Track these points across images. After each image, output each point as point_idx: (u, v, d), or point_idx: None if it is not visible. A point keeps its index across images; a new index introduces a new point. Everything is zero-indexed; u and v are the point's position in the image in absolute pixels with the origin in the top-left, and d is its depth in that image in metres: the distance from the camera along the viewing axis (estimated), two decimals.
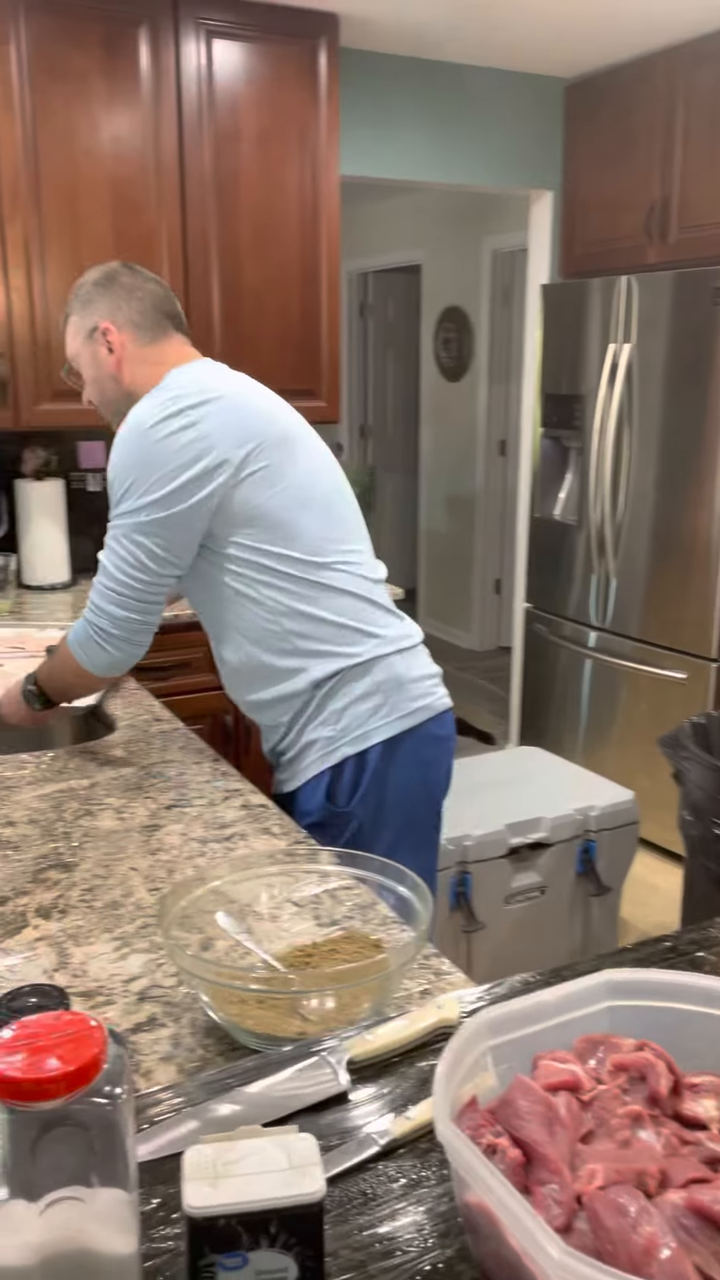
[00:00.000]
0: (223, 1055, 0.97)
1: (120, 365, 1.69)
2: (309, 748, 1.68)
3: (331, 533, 1.68)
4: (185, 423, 1.57)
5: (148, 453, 1.56)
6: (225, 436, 1.58)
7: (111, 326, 1.68)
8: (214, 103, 2.89)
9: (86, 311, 1.70)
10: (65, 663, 1.71)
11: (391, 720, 1.68)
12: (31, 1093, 0.57)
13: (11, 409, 2.79)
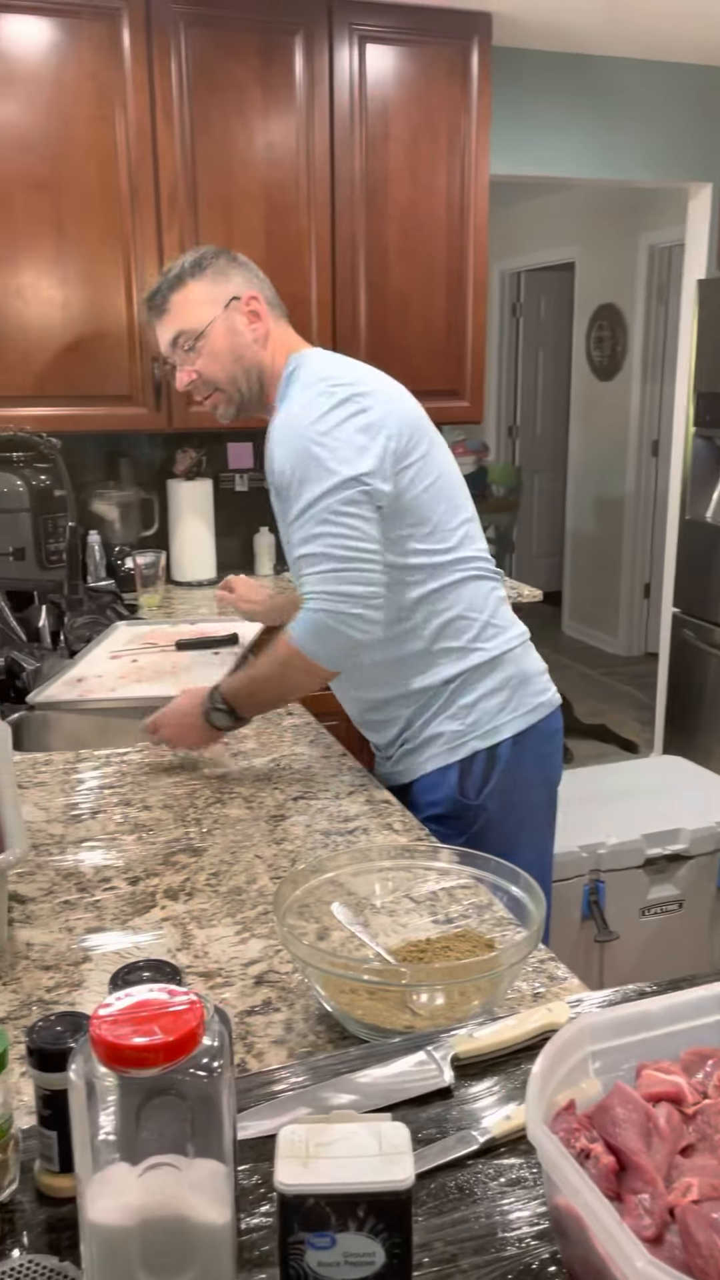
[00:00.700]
0: (332, 1043, 0.98)
1: (266, 336, 1.64)
2: (432, 741, 1.67)
3: (465, 527, 1.67)
4: (354, 409, 1.54)
5: (322, 441, 1.51)
6: (391, 424, 1.56)
7: (259, 296, 1.64)
8: (365, 107, 2.93)
9: (221, 280, 1.63)
10: (283, 666, 1.56)
11: (518, 716, 1.67)
12: (132, 1059, 0.59)
13: (164, 411, 2.90)
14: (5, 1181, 0.75)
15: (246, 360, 1.63)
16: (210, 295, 1.62)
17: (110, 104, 2.71)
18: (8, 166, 2.65)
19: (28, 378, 2.77)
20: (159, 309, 1.63)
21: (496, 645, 1.67)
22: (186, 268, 1.63)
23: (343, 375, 1.58)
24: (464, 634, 1.65)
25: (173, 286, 1.62)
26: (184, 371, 1.65)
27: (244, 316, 1.62)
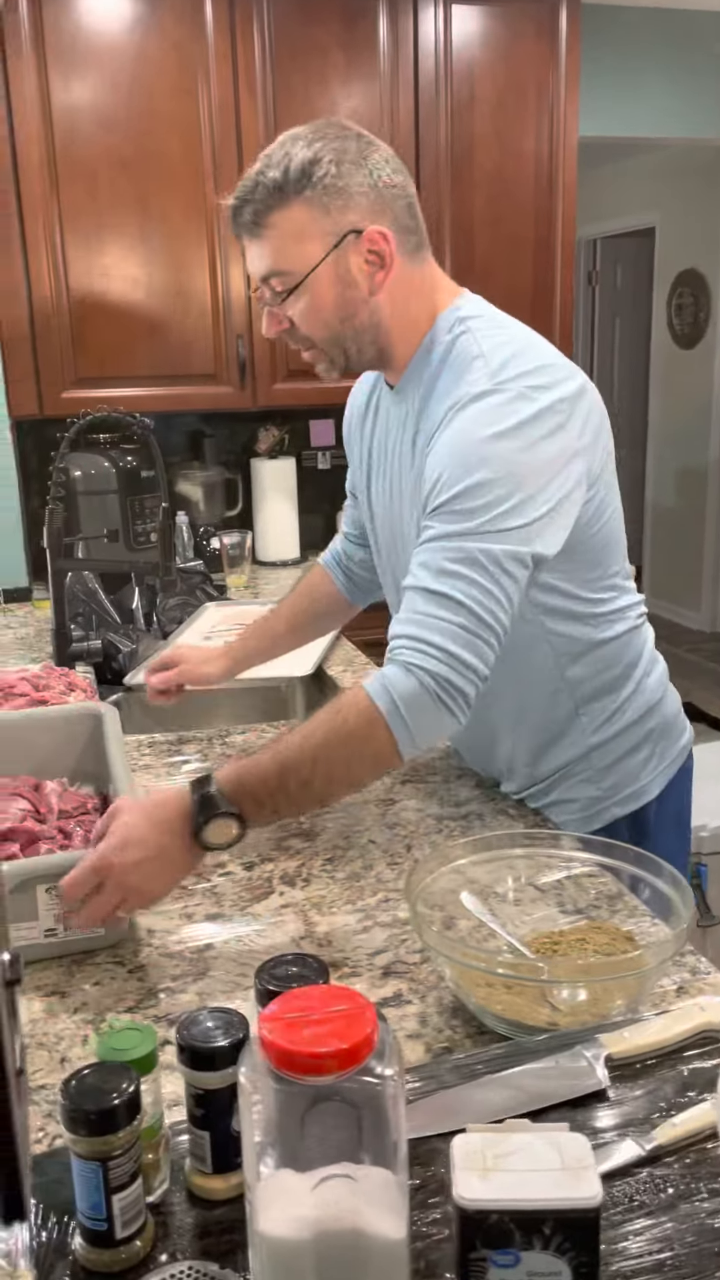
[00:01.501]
0: (470, 1039, 0.95)
1: (388, 289, 1.22)
2: (564, 805, 1.39)
3: (618, 559, 1.34)
4: (555, 425, 1.15)
5: (515, 461, 1.13)
6: (592, 442, 1.22)
7: (388, 234, 1.20)
8: (451, 70, 2.85)
9: (338, 201, 1.17)
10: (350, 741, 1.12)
11: (661, 771, 1.40)
12: (305, 1067, 0.56)
13: (249, 389, 2.87)
14: (156, 1181, 0.73)
15: (358, 320, 1.23)
16: (318, 225, 1.18)
17: (193, 76, 2.68)
18: (92, 147, 2.63)
19: (112, 358, 2.76)
20: (249, 227, 1.21)
21: (645, 699, 1.38)
22: (292, 173, 1.16)
23: (534, 360, 1.18)
24: (619, 693, 1.35)
25: (270, 200, 1.17)
26: (272, 318, 1.25)
27: (361, 260, 1.19)
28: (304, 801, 1.16)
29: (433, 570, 1.13)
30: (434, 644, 1.11)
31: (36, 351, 2.71)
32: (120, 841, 1.03)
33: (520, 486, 1.13)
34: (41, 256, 2.66)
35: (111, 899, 1.03)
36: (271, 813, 1.12)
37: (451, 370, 1.21)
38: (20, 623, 2.56)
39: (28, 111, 2.57)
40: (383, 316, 1.24)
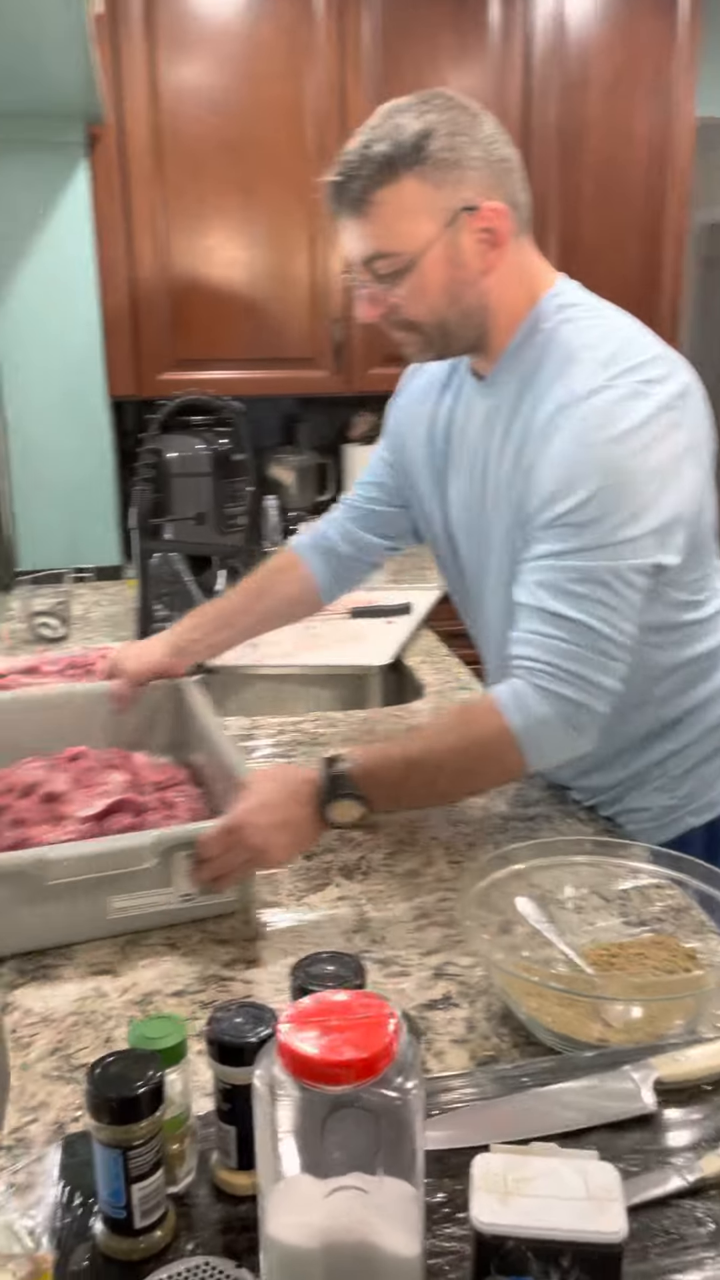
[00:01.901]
0: (517, 1048, 0.92)
1: (496, 270, 1.16)
2: (636, 814, 1.35)
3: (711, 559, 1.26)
4: (673, 420, 1.10)
5: (631, 468, 1.07)
6: (701, 438, 1.15)
7: (504, 209, 1.13)
8: (563, 50, 2.78)
9: (452, 175, 1.10)
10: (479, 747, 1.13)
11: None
12: (320, 1075, 0.55)
13: (344, 373, 2.86)
14: (181, 1172, 0.73)
15: (466, 301, 1.16)
16: (430, 201, 1.11)
17: (300, 59, 2.67)
18: (199, 129, 2.65)
19: (210, 340, 2.77)
20: (353, 204, 1.12)
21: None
22: (403, 146, 1.09)
23: (643, 352, 1.12)
24: (704, 705, 1.30)
25: (378, 175, 1.10)
26: (372, 302, 1.18)
27: (474, 238, 1.13)
28: (426, 798, 1.21)
29: (554, 590, 1.10)
30: (568, 670, 1.09)
31: (137, 333, 2.74)
32: (257, 804, 1.08)
33: (638, 494, 1.08)
34: (145, 239, 2.69)
35: (238, 857, 1.07)
36: (393, 802, 1.16)
37: (554, 362, 1.15)
38: (110, 600, 2.60)
39: (137, 94, 2.60)
40: (490, 299, 1.17)
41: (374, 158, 1.10)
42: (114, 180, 2.65)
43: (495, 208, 1.13)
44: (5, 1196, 0.76)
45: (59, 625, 2.23)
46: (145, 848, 1.06)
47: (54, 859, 1.03)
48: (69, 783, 1.25)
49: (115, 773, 1.29)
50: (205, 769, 1.35)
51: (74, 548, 2.80)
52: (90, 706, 1.47)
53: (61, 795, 1.23)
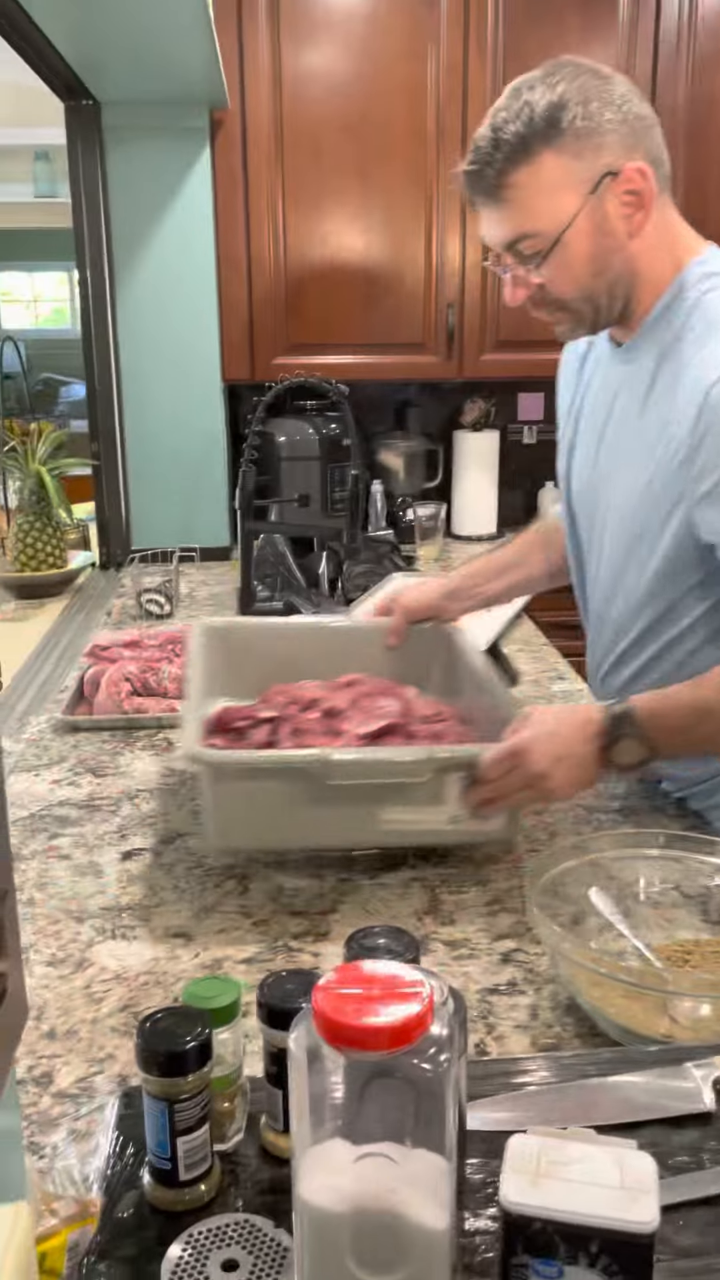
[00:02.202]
0: (580, 1038, 0.91)
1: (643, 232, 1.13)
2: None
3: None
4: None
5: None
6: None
7: (647, 168, 1.10)
8: (695, 25, 2.69)
9: (591, 142, 1.08)
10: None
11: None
12: (351, 1040, 0.55)
13: (455, 359, 2.84)
14: (230, 1130, 0.74)
15: (613, 270, 1.13)
16: (571, 173, 1.09)
17: (423, 40, 2.65)
18: (320, 110, 2.65)
19: (324, 325, 2.79)
20: (490, 190, 1.11)
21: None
22: (537, 123, 1.07)
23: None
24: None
25: (514, 156, 1.08)
26: (518, 285, 1.15)
27: (618, 202, 1.10)
28: (710, 747, 1.18)
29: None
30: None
31: (252, 317, 2.77)
32: (543, 733, 1.07)
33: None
34: (263, 222, 2.72)
35: (516, 783, 1.07)
36: (678, 748, 1.13)
37: (696, 332, 1.12)
38: (217, 580, 2.65)
39: (260, 79, 2.62)
40: (637, 264, 1.14)
41: (508, 140, 1.08)
42: (235, 165, 2.68)
43: (638, 168, 1.10)
44: (66, 1143, 0.79)
45: (165, 603, 2.28)
46: (422, 761, 1.10)
47: (336, 760, 1.09)
48: (347, 702, 1.31)
49: (389, 699, 1.33)
50: (472, 711, 1.37)
51: (187, 529, 2.86)
52: (367, 641, 1.53)
53: (341, 713, 1.28)
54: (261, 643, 1.52)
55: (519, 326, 2.84)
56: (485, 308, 2.81)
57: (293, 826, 1.13)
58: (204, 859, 1.23)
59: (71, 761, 1.52)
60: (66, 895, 1.15)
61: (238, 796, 1.12)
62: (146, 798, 1.39)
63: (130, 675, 1.68)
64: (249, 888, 1.16)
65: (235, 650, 1.47)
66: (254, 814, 1.12)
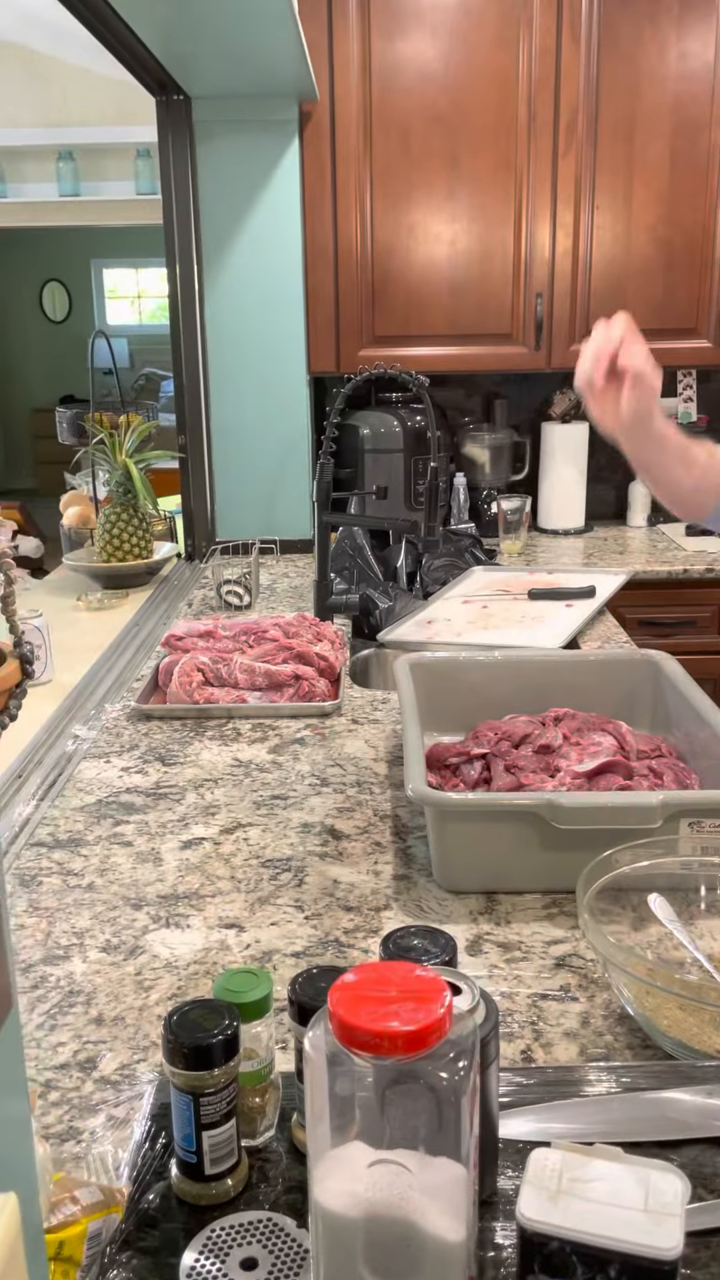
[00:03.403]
0: (631, 1050, 0.88)
1: None
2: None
3: None
4: None
5: None
6: None
7: None
8: None
9: None
10: None
11: None
12: (365, 1044, 0.54)
13: (544, 350, 2.78)
14: (262, 1126, 0.74)
15: None
16: None
17: (515, 26, 2.60)
18: (410, 99, 2.63)
19: (410, 317, 2.77)
20: None
21: None
22: None
23: None
24: None
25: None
26: None
27: None
28: None
29: None
30: None
31: (339, 309, 2.77)
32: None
33: None
34: (351, 214, 2.71)
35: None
36: None
37: None
38: (299, 572, 2.66)
39: (349, 70, 2.61)
40: None
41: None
42: (323, 156, 2.68)
43: None
44: (104, 1128, 0.79)
45: (244, 594, 2.30)
46: (654, 808, 1.07)
47: (565, 805, 1.07)
48: (560, 738, 1.29)
49: (603, 735, 1.31)
50: (692, 745, 1.33)
51: (270, 521, 2.87)
52: (569, 672, 1.51)
53: (556, 749, 1.27)
54: (463, 675, 1.50)
55: (608, 315, 2.78)
56: (574, 297, 2.75)
57: (520, 869, 1.12)
58: (263, 849, 1.23)
59: (142, 749, 1.54)
60: (126, 882, 1.17)
61: (465, 838, 1.12)
62: (211, 787, 1.40)
63: (202, 666, 1.70)
64: (305, 881, 1.16)
65: (436, 683, 1.46)
66: (480, 855, 1.12)
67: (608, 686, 1.48)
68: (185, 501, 2.86)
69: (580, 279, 2.75)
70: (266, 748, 1.53)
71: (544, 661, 1.55)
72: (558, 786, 1.19)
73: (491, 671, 1.50)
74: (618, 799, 1.09)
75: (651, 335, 2.82)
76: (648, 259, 2.73)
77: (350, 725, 1.60)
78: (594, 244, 2.73)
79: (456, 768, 1.27)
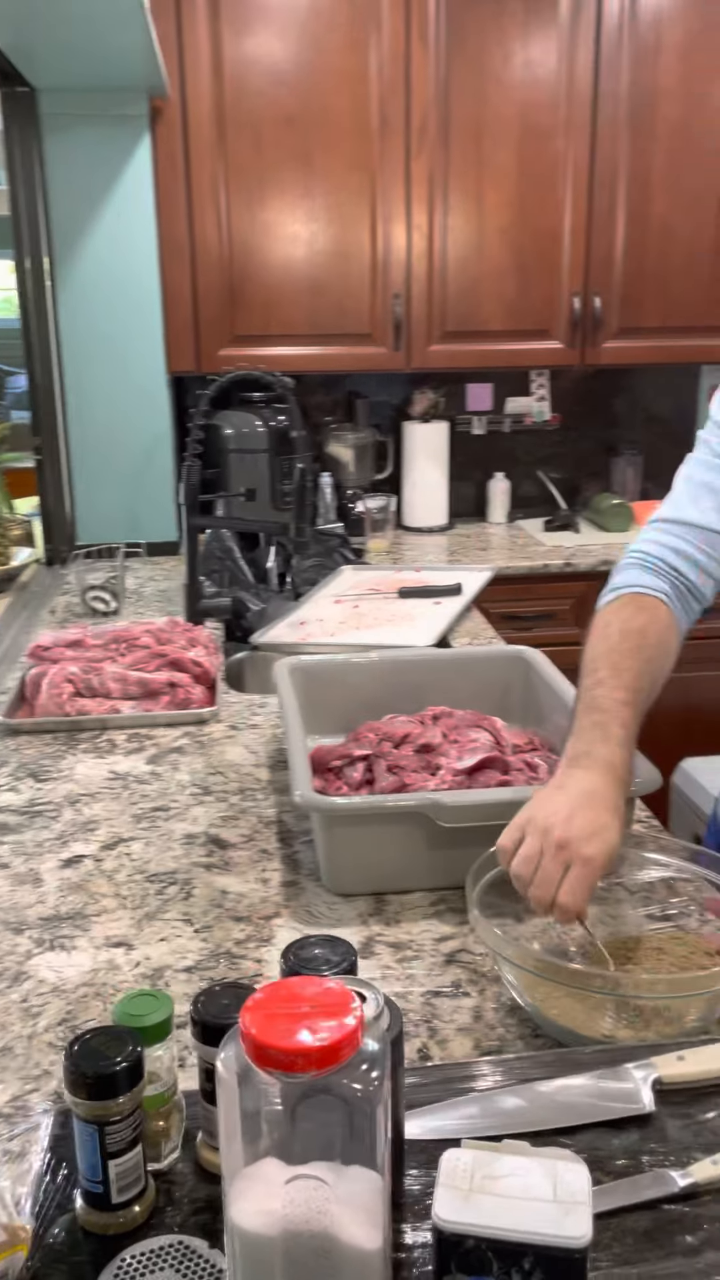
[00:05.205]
0: (522, 1040, 0.91)
1: None
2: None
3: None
4: None
5: None
6: None
7: None
8: (636, 14, 2.69)
9: None
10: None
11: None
12: (278, 1062, 0.54)
13: (404, 350, 2.82)
14: (166, 1149, 0.73)
15: None
16: None
17: (364, 29, 2.62)
18: (260, 101, 2.62)
19: (270, 317, 2.76)
20: None
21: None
22: None
23: None
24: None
25: None
26: None
27: None
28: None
29: None
30: None
31: (197, 308, 2.74)
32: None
33: None
34: (206, 212, 2.68)
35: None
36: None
37: None
38: (165, 576, 2.62)
39: (200, 68, 2.58)
40: None
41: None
42: (176, 153, 2.64)
43: None
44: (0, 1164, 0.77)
45: (111, 600, 2.25)
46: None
47: (448, 804, 1.09)
48: (439, 737, 1.30)
49: (479, 731, 1.32)
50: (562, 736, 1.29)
51: (133, 524, 2.82)
52: (445, 671, 1.53)
53: (436, 747, 1.28)
54: (343, 677, 1.51)
55: (466, 317, 2.84)
56: (432, 298, 2.79)
57: (409, 868, 1.13)
58: (147, 864, 1.21)
59: (12, 766, 1.49)
60: (4, 905, 1.13)
61: (352, 841, 1.13)
62: (88, 802, 1.37)
63: (72, 676, 1.66)
64: (192, 893, 1.15)
65: (316, 686, 1.47)
66: (368, 857, 1.13)
67: (482, 683, 1.52)
68: (44, 504, 2.78)
69: (436, 280, 2.79)
70: (144, 758, 1.50)
71: (420, 661, 1.58)
72: (439, 785, 1.22)
73: (370, 673, 1.52)
74: (499, 795, 1.12)
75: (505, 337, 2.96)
76: (501, 261, 2.80)
77: (229, 731, 1.59)
78: (449, 246, 2.77)
79: (339, 770, 1.28)
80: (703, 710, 2.70)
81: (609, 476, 3.25)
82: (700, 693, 2.72)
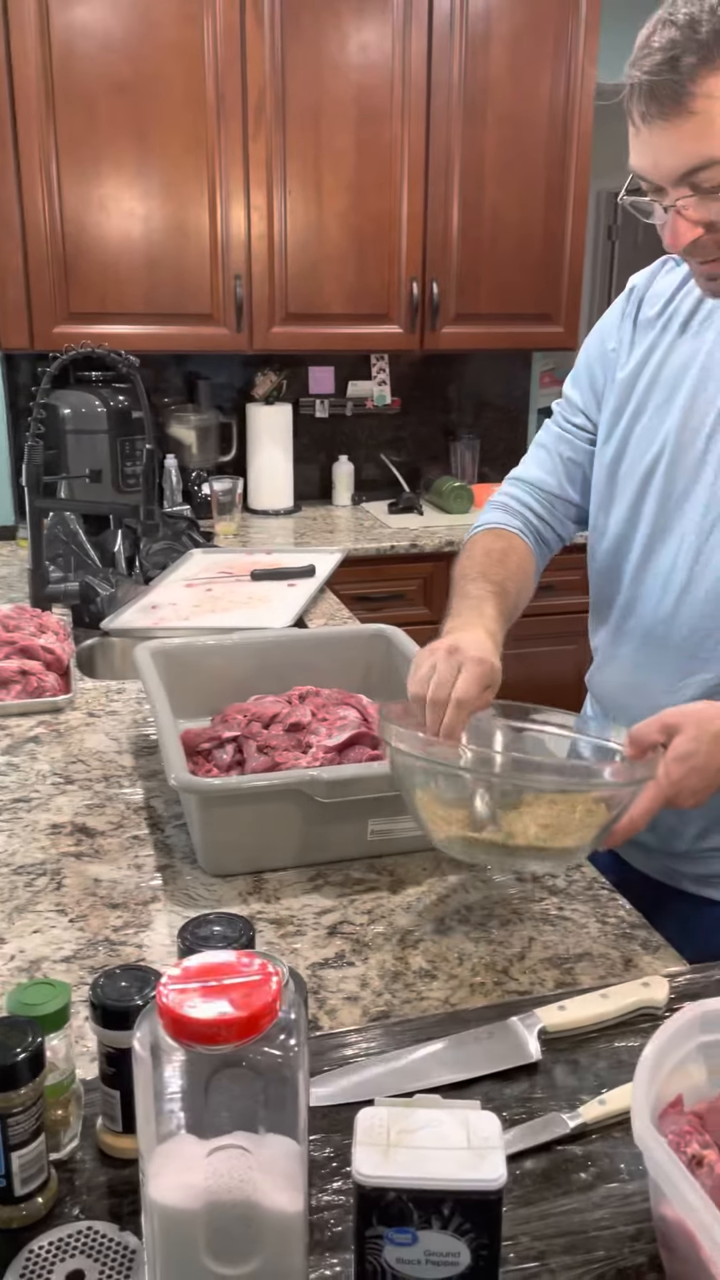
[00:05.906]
0: (409, 1004, 0.93)
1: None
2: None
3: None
4: None
5: None
6: None
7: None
8: (467, 5, 2.75)
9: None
10: None
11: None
12: (200, 1035, 0.54)
13: (245, 332, 2.80)
14: (66, 1138, 0.72)
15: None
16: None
17: (198, 1, 2.58)
18: (91, 66, 2.54)
19: (107, 294, 2.69)
20: (674, 100, 0.90)
21: None
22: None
23: None
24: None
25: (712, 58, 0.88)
26: (687, 226, 0.96)
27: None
28: None
29: None
30: None
31: (29, 284, 2.64)
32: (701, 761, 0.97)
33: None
34: (36, 185, 2.58)
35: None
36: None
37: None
38: (4, 561, 2.53)
39: (26, 31, 2.48)
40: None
41: (700, 40, 0.88)
42: (3, 126, 2.53)
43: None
44: None
45: None
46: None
47: (326, 780, 1.10)
48: (308, 715, 1.31)
49: (347, 709, 1.33)
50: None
51: None
52: (308, 649, 1.55)
53: (306, 725, 1.29)
54: (205, 660, 1.50)
55: (307, 300, 2.85)
56: (273, 280, 2.78)
57: (288, 844, 1.14)
58: (12, 856, 1.17)
59: None
60: None
61: (228, 821, 1.12)
62: None
63: None
64: (63, 884, 1.12)
65: (178, 670, 1.45)
66: (245, 837, 1.13)
67: (343, 662, 1.54)
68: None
69: (278, 262, 2.79)
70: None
71: (282, 641, 1.58)
72: (312, 762, 1.23)
73: (233, 655, 1.51)
74: (375, 769, 1.14)
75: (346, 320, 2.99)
76: (340, 245, 2.81)
77: (87, 719, 1.56)
78: (289, 228, 2.77)
79: (209, 753, 1.27)
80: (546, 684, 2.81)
81: (449, 460, 3.32)
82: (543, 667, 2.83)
